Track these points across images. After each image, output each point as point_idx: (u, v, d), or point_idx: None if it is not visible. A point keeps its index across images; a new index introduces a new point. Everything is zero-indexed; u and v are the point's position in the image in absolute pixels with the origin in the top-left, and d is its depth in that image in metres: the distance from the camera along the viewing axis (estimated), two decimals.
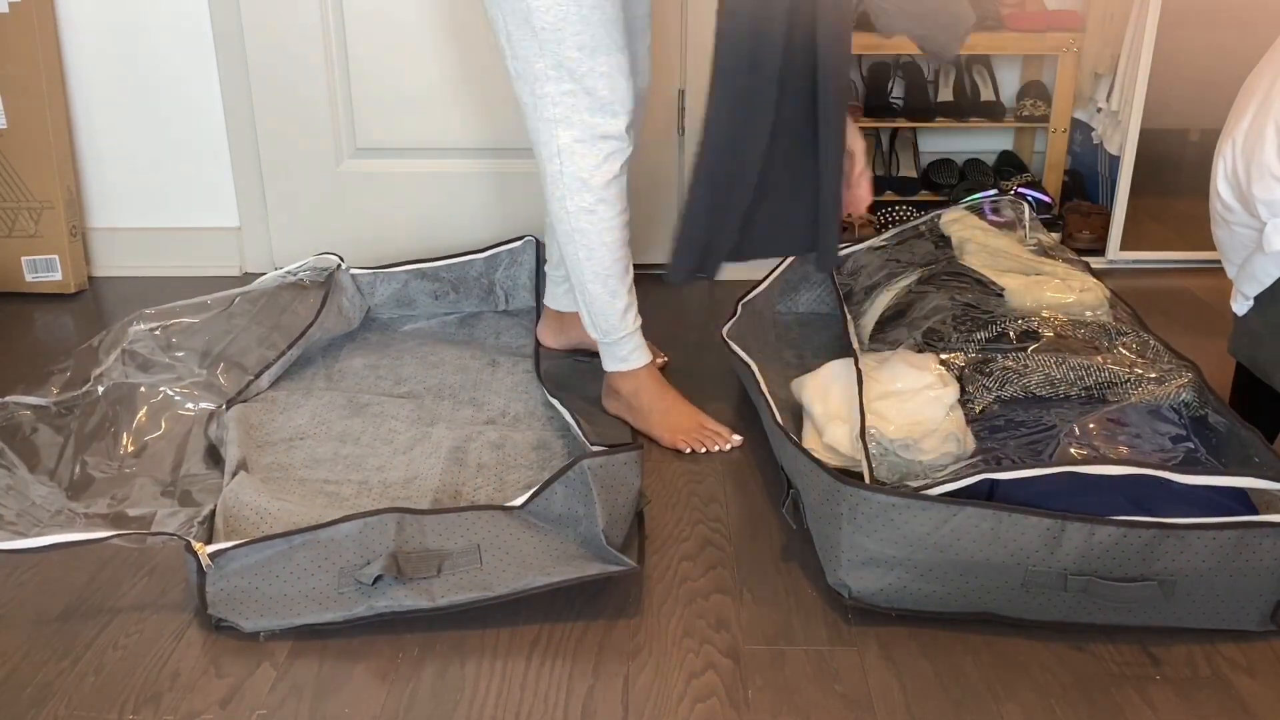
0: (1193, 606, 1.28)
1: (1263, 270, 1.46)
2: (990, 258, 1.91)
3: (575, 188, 1.63)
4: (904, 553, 1.29)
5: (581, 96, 1.59)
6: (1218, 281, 2.39)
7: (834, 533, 1.33)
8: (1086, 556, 1.26)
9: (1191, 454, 1.43)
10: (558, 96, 1.59)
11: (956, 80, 2.79)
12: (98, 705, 1.20)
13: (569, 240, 1.68)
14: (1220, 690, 1.22)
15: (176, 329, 2.01)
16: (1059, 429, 1.46)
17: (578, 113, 1.60)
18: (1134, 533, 1.25)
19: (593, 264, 1.68)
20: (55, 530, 1.48)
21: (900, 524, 1.27)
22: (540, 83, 1.59)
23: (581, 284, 1.71)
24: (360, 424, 1.77)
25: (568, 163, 1.62)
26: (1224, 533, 1.25)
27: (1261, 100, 1.45)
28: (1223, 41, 2.44)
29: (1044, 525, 1.26)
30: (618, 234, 1.68)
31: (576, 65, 1.57)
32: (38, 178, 2.31)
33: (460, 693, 1.22)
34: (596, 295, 1.71)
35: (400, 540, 1.35)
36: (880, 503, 1.28)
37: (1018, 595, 1.29)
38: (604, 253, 1.68)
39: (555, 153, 1.62)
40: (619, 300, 1.72)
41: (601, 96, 1.59)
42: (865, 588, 1.31)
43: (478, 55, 2.31)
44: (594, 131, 1.61)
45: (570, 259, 1.70)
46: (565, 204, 1.65)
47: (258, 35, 2.28)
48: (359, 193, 2.41)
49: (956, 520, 1.26)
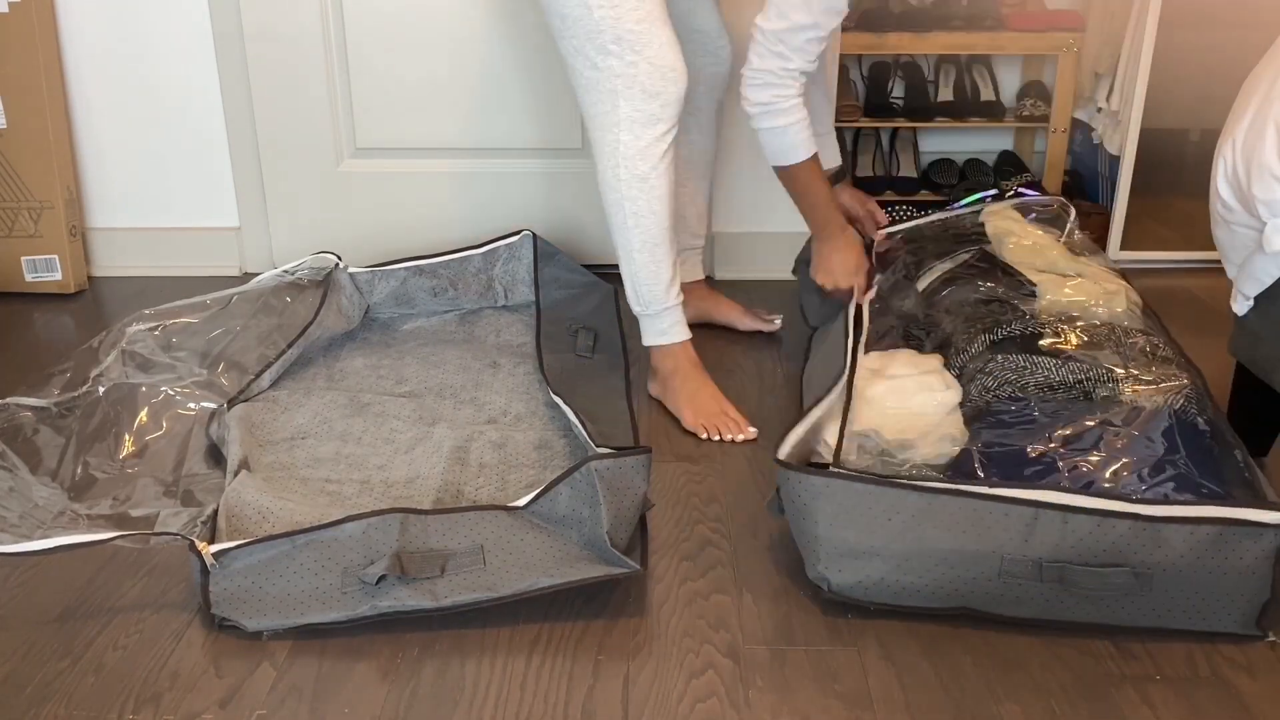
0: (1172, 604, 1.27)
1: (1263, 270, 1.46)
2: (1028, 254, 1.89)
3: (630, 155, 1.71)
4: (881, 543, 1.30)
5: (643, 67, 1.66)
6: (1218, 281, 2.39)
7: (810, 526, 1.34)
8: (1060, 546, 1.27)
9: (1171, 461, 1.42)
10: (620, 69, 1.67)
11: (957, 80, 2.79)
12: (98, 705, 1.20)
13: (618, 209, 1.75)
14: (1220, 690, 1.22)
15: (176, 329, 2.01)
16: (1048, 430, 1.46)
17: (637, 84, 1.67)
18: (1108, 522, 1.25)
19: (641, 233, 1.75)
20: (59, 532, 1.48)
21: (876, 513, 1.29)
22: (601, 56, 1.67)
23: (628, 253, 1.78)
24: (362, 423, 1.77)
25: (624, 132, 1.70)
26: (1202, 528, 1.25)
27: (1261, 100, 1.45)
28: (1223, 41, 2.44)
29: (1018, 513, 1.26)
30: (668, 204, 1.76)
31: (636, 38, 1.65)
32: (38, 178, 2.31)
33: (460, 693, 1.22)
34: (643, 265, 1.78)
35: (404, 540, 1.35)
36: (856, 491, 1.30)
37: (995, 586, 1.29)
38: (652, 221, 1.75)
39: (614, 123, 1.70)
40: (664, 272, 1.79)
41: (661, 67, 1.67)
42: (844, 580, 1.32)
43: (477, 55, 2.31)
44: (652, 103, 1.68)
45: (618, 228, 1.78)
46: (618, 172, 1.72)
47: (258, 35, 2.28)
48: (359, 193, 2.41)
49: (932, 508, 1.28)
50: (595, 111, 1.73)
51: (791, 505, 1.38)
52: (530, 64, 2.31)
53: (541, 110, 2.35)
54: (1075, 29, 2.58)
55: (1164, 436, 1.43)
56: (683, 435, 1.78)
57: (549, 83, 2.32)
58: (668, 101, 1.69)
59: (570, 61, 1.73)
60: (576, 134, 2.36)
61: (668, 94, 1.69)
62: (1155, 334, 1.66)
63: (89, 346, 1.95)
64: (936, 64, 2.83)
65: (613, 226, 1.78)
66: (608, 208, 1.77)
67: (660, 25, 1.68)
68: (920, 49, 2.62)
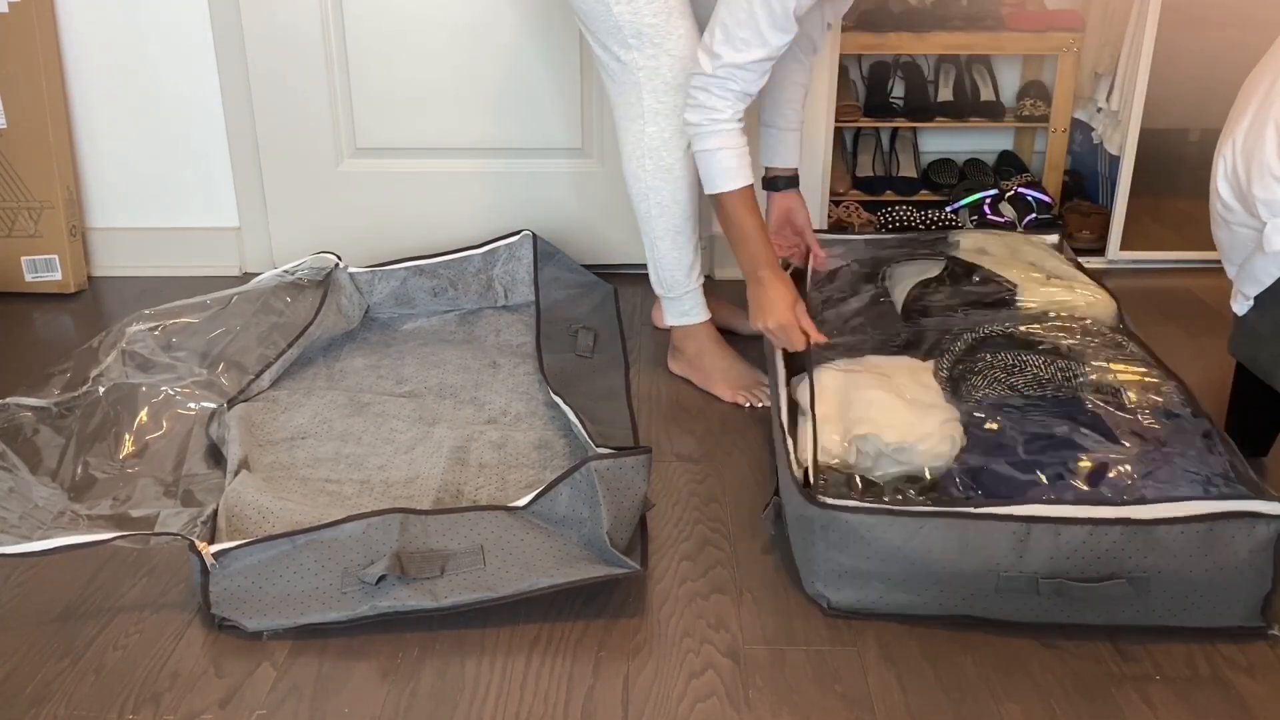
0: (1172, 604, 1.27)
1: (1263, 270, 1.46)
2: (1006, 259, 1.90)
3: (655, 147, 1.76)
4: (877, 566, 1.30)
5: (663, 60, 1.71)
6: (1218, 281, 2.39)
7: (808, 547, 1.35)
8: (1055, 559, 1.27)
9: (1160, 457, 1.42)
10: (641, 62, 1.72)
11: (956, 80, 2.79)
12: (98, 705, 1.21)
13: (643, 198, 1.81)
14: (1220, 690, 1.22)
15: (176, 329, 2.01)
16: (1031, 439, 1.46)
17: (659, 76, 1.72)
18: (1100, 530, 1.25)
19: (665, 221, 1.81)
20: (59, 532, 1.48)
21: (870, 539, 1.29)
22: (624, 50, 1.72)
23: (651, 241, 1.84)
24: (362, 423, 1.77)
25: (649, 124, 1.75)
26: (1192, 526, 1.25)
27: (1261, 100, 1.45)
28: (1223, 41, 2.44)
29: (1010, 529, 1.26)
30: (691, 192, 1.81)
31: (655, 32, 1.70)
32: (37, 178, 2.31)
33: (460, 693, 1.22)
34: (666, 252, 1.84)
35: (404, 540, 1.35)
36: (847, 521, 1.30)
37: (993, 602, 1.30)
38: (676, 210, 1.80)
39: (639, 115, 1.75)
40: (686, 257, 1.85)
41: (682, 59, 1.71)
42: (843, 599, 1.34)
43: (478, 55, 2.31)
44: (675, 95, 1.72)
45: (643, 217, 1.83)
46: (644, 163, 1.77)
47: (257, 35, 2.28)
48: (359, 193, 2.41)
49: (924, 532, 1.28)
50: (621, 103, 1.77)
51: (791, 524, 1.39)
52: (530, 64, 2.31)
53: (541, 110, 2.35)
54: (1075, 29, 2.58)
55: (1153, 433, 1.43)
56: (683, 435, 1.78)
57: (549, 82, 2.32)
58: (691, 95, 1.69)
59: (597, 54, 1.78)
60: (577, 134, 2.36)
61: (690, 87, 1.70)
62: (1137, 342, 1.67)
63: (89, 346, 1.95)
64: (936, 64, 2.83)
65: (638, 214, 1.84)
66: (633, 196, 1.82)
67: (680, 17, 1.71)
68: (920, 49, 2.63)
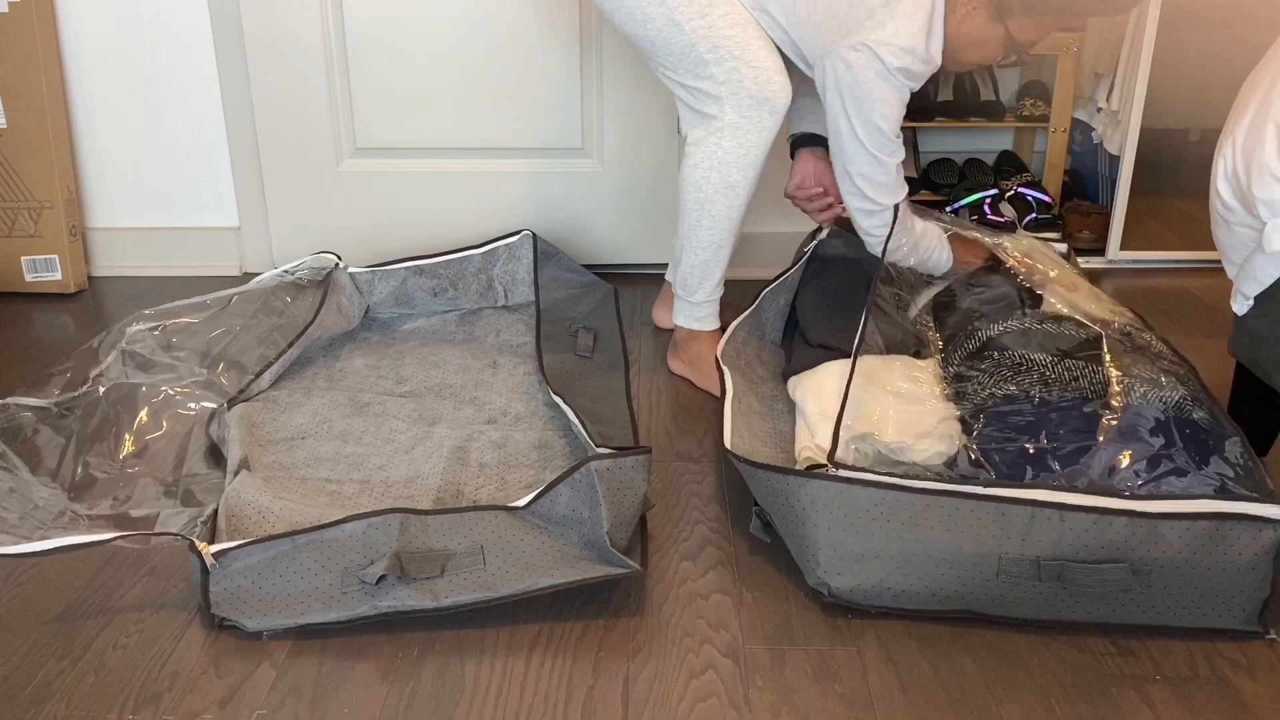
0: (1172, 601, 1.28)
1: (1263, 270, 1.46)
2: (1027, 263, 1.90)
3: (727, 162, 1.74)
4: (880, 545, 1.29)
5: (745, 71, 1.68)
6: (1218, 281, 2.39)
7: (809, 531, 1.34)
8: (1058, 545, 1.27)
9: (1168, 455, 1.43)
10: (722, 76, 1.69)
11: (956, 80, 2.78)
12: (98, 705, 1.21)
13: (698, 208, 1.79)
14: (1220, 690, 1.22)
15: (176, 329, 2.01)
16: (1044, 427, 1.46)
17: (743, 89, 1.69)
18: (1105, 520, 1.26)
19: (713, 233, 1.81)
20: (59, 532, 1.48)
21: (876, 515, 1.29)
22: (701, 68, 1.69)
23: (693, 249, 1.84)
24: (362, 423, 1.77)
25: (727, 139, 1.72)
26: (1198, 524, 1.25)
27: (1261, 100, 1.45)
28: (1223, 41, 2.44)
29: (1014, 512, 1.27)
30: (745, 209, 1.81)
31: (734, 44, 1.67)
32: (37, 178, 2.31)
33: (460, 692, 1.22)
34: (702, 261, 1.85)
35: (404, 540, 1.35)
36: (857, 495, 1.30)
37: (994, 587, 1.29)
38: (727, 226, 1.81)
39: (719, 128, 1.72)
40: (717, 271, 1.87)
41: (764, 70, 1.69)
42: (844, 585, 1.32)
43: (478, 55, 2.31)
44: (760, 109, 1.70)
45: (691, 224, 1.82)
46: (709, 175, 1.75)
47: (257, 35, 2.28)
48: (359, 193, 2.41)
49: (930, 509, 1.28)
50: (700, 115, 1.75)
51: (787, 513, 1.38)
52: (530, 64, 2.31)
53: (541, 110, 2.35)
54: (1075, 29, 2.57)
55: (1161, 431, 1.43)
56: (683, 435, 1.78)
57: (549, 82, 2.32)
58: (775, 109, 1.70)
59: (668, 82, 1.76)
60: (576, 134, 2.36)
61: (776, 101, 1.69)
62: (1147, 331, 1.67)
63: (89, 346, 1.95)
64: None
65: (685, 219, 1.82)
66: (685, 202, 1.80)
67: (754, 28, 1.69)
68: None
